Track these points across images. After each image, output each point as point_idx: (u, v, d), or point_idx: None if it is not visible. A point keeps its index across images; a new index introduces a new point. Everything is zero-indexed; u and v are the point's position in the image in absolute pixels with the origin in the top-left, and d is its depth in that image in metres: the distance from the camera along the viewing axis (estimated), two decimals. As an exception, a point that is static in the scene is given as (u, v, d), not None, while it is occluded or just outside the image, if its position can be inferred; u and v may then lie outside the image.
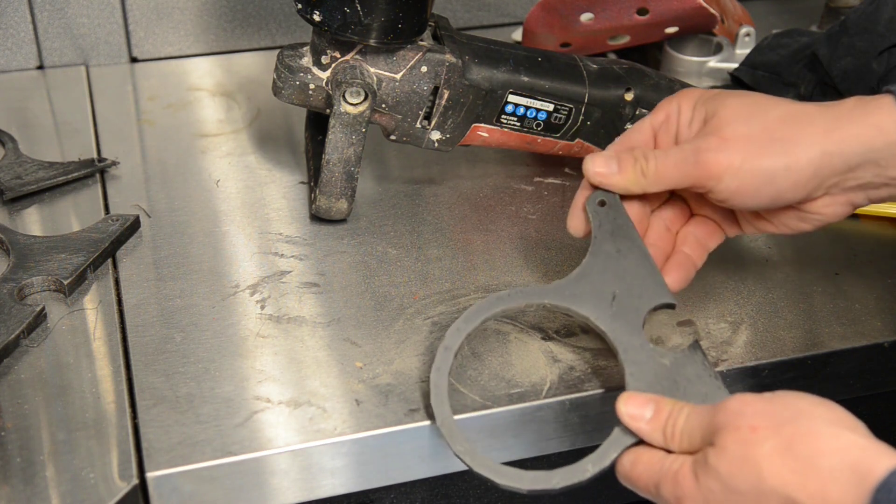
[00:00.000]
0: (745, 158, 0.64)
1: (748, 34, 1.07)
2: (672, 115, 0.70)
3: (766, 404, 0.56)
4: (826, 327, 0.77)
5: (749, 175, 0.64)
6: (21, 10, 1.07)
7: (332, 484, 0.69)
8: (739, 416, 0.56)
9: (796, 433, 0.54)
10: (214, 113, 1.03)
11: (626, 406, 0.62)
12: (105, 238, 0.82)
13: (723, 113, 0.67)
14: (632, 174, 0.68)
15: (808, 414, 0.55)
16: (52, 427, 0.67)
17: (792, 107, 0.67)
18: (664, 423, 0.61)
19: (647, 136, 0.71)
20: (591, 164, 0.70)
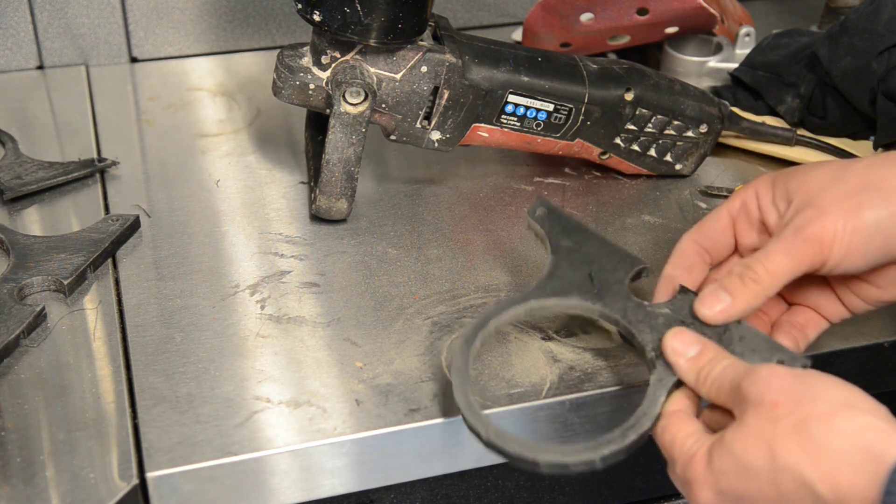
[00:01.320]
0: (847, 217, 0.62)
1: (748, 34, 1.07)
2: (749, 200, 0.68)
3: (793, 380, 0.56)
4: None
5: (855, 232, 0.62)
6: (21, 10, 1.07)
7: (332, 484, 0.69)
8: (766, 387, 0.56)
9: (813, 412, 0.54)
10: (214, 113, 1.04)
11: (674, 340, 0.63)
12: (105, 238, 0.82)
13: (807, 185, 0.65)
14: (748, 293, 0.65)
15: (827, 395, 0.55)
16: (52, 427, 0.67)
17: (873, 159, 0.65)
18: (702, 365, 0.61)
19: (725, 223, 0.69)
20: (706, 310, 0.65)
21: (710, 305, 0.65)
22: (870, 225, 0.62)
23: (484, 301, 0.78)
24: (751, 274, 0.64)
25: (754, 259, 0.65)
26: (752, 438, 0.55)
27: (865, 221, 0.62)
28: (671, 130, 0.90)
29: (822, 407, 0.55)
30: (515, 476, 0.78)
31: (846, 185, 0.64)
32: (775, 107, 0.98)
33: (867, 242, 0.63)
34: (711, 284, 0.66)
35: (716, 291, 0.65)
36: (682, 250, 0.70)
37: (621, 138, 0.90)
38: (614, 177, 0.94)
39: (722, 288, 0.65)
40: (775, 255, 0.64)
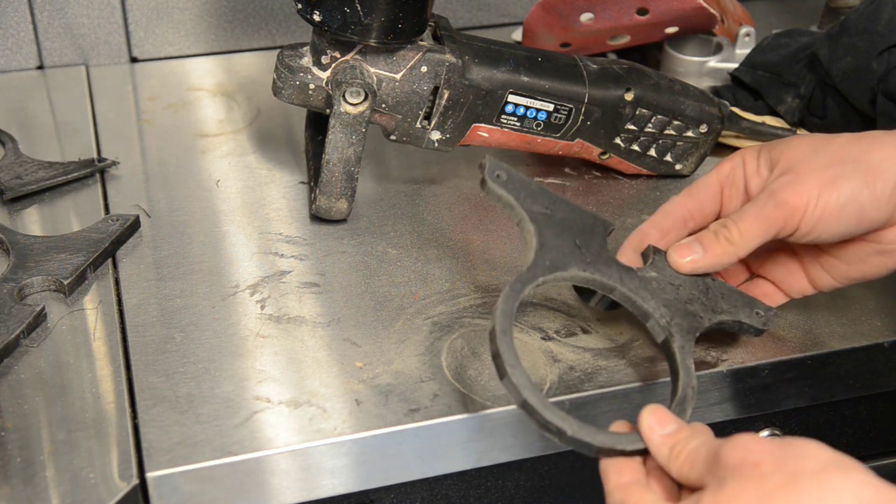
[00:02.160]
0: (823, 186, 0.64)
1: (748, 34, 1.07)
2: (737, 167, 0.70)
3: (776, 444, 0.54)
4: (826, 327, 0.77)
5: (830, 201, 0.64)
6: (21, 10, 1.07)
7: (332, 484, 0.69)
8: (747, 451, 0.53)
9: (803, 470, 0.52)
10: (214, 113, 1.04)
11: (650, 417, 0.60)
12: (105, 238, 0.82)
13: (788, 154, 0.67)
14: (719, 248, 0.67)
15: (816, 454, 0.53)
16: (52, 427, 0.67)
17: (855, 135, 0.67)
18: (676, 441, 0.58)
19: (715, 188, 0.71)
20: (677, 257, 0.69)
21: (682, 255, 0.68)
22: (844, 195, 0.64)
23: (484, 301, 0.78)
24: (724, 232, 0.67)
25: (730, 219, 0.67)
26: (741, 499, 0.52)
27: (840, 191, 0.64)
28: (671, 130, 0.90)
29: (811, 464, 0.52)
30: (515, 476, 0.78)
31: (826, 156, 0.65)
32: (775, 107, 0.99)
33: (840, 212, 0.64)
34: (688, 237, 0.69)
35: (690, 243, 0.69)
36: (667, 211, 0.71)
37: (621, 138, 0.90)
38: (614, 177, 0.94)
39: (696, 240, 0.68)
40: (748, 217, 0.66)
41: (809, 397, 0.77)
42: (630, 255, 0.71)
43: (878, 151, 0.65)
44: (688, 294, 0.69)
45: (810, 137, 0.68)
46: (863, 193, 0.64)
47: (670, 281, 0.69)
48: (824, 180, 0.64)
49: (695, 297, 0.69)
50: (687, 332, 0.67)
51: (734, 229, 0.67)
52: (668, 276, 0.69)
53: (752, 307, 0.70)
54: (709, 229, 0.69)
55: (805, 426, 0.82)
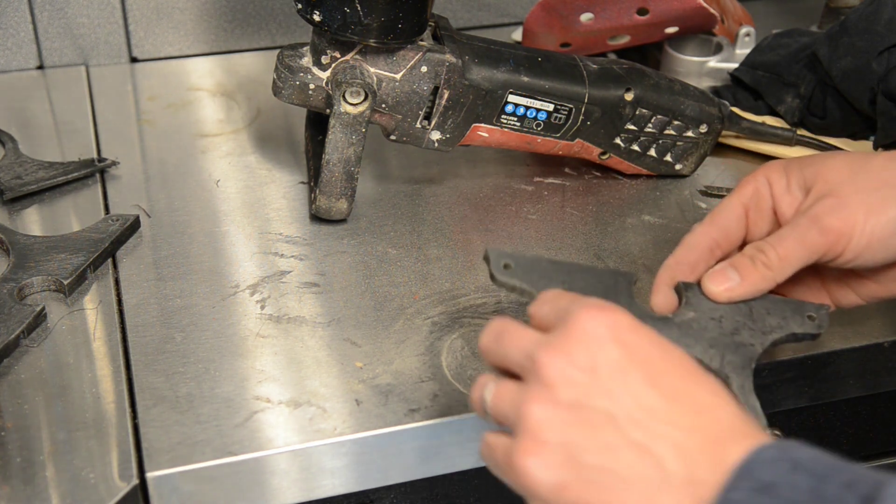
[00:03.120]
0: (869, 212, 0.62)
1: (748, 34, 1.07)
2: (762, 188, 0.67)
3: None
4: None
5: (877, 227, 0.61)
6: (21, 10, 1.07)
7: (332, 484, 0.69)
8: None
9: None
10: (214, 113, 1.04)
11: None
12: (105, 238, 0.82)
13: (826, 175, 0.64)
14: (757, 275, 0.64)
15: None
16: (52, 427, 0.67)
17: (889, 153, 0.64)
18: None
19: (739, 213, 0.67)
20: (712, 286, 0.65)
21: (717, 283, 0.65)
22: (892, 221, 0.61)
23: (484, 301, 0.78)
24: (762, 257, 0.64)
25: (767, 243, 0.64)
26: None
27: (888, 217, 0.61)
28: (671, 130, 0.90)
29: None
30: (515, 476, 0.78)
31: (868, 179, 0.63)
32: (775, 107, 0.98)
33: (889, 239, 0.62)
34: (722, 262, 0.66)
35: (725, 269, 0.65)
36: (692, 243, 0.67)
37: (621, 138, 0.90)
38: (614, 177, 0.94)
39: (732, 266, 0.65)
40: (789, 242, 0.63)
41: (809, 397, 0.77)
42: (665, 293, 0.67)
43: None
44: (732, 325, 0.64)
45: (846, 157, 0.65)
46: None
47: (710, 316, 0.64)
48: (870, 205, 0.62)
49: (740, 325, 0.64)
50: (742, 368, 0.63)
51: (772, 254, 0.63)
52: (706, 312, 0.64)
53: (802, 313, 0.65)
54: (744, 254, 0.65)
55: (805, 426, 0.82)
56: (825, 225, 0.62)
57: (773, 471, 0.48)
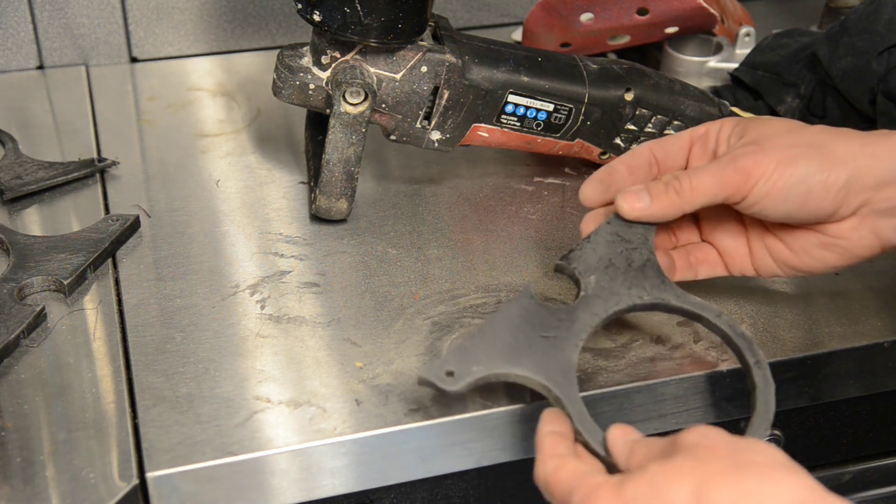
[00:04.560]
0: (780, 161, 0.65)
1: (748, 34, 1.07)
2: (712, 131, 0.71)
3: (731, 436, 0.55)
4: (826, 327, 0.77)
5: (782, 177, 0.65)
6: (21, 10, 1.07)
7: (332, 484, 0.69)
8: (703, 436, 0.55)
9: (752, 462, 0.52)
10: (214, 113, 1.04)
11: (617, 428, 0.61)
12: (105, 238, 0.82)
13: (761, 128, 0.68)
14: (666, 199, 0.68)
15: (768, 452, 0.54)
16: (52, 427, 0.67)
17: (831, 127, 0.68)
18: (635, 443, 0.59)
19: (684, 143, 0.72)
20: (624, 204, 0.69)
21: (629, 202, 0.69)
22: (797, 175, 0.65)
23: (484, 301, 0.78)
24: (675, 184, 0.68)
25: (683, 173, 0.68)
26: (683, 472, 0.52)
27: (795, 170, 0.65)
28: (671, 130, 0.90)
29: (760, 459, 0.53)
30: (515, 476, 0.78)
31: (795, 138, 0.67)
32: (775, 107, 0.98)
33: (789, 190, 0.66)
34: (637, 185, 0.70)
35: (639, 191, 0.69)
36: (636, 152, 0.72)
37: (621, 138, 0.90)
38: (614, 177, 0.94)
39: (645, 189, 0.69)
40: (703, 174, 0.67)
41: (809, 397, 0.77)
42: (595, 187, 0.71)
43: (845, 144, 0.66)
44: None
45: (789, 121, 0.70)
46: (814, 178, 0.65)
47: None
48: (785, 157, 0.65)
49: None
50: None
51: (686, 183, 0.67)
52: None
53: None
54: (661, 180, 0.69)
55: (805, 426, 0.82)
56: (740, 165, 0.66)
57: None
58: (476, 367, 0.61)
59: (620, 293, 0.66)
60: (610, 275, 0.67)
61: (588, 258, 0.68)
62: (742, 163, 0.66)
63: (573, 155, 0.91)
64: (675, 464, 0.53)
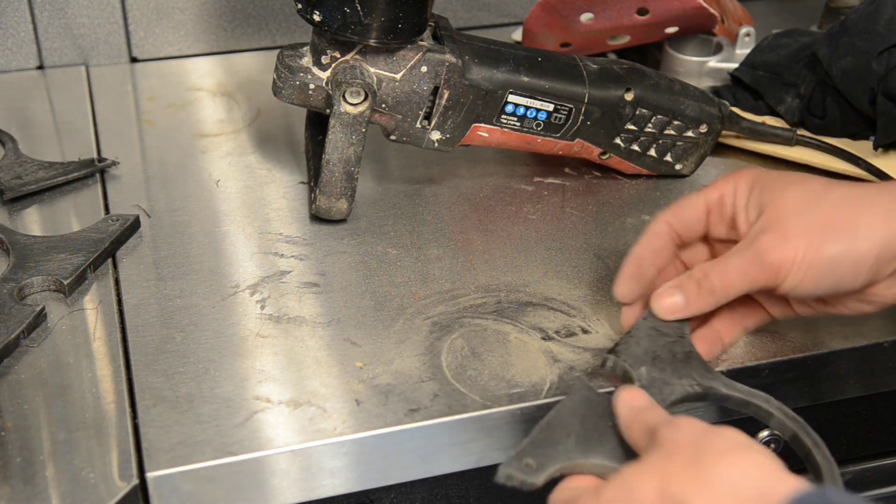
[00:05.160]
0: (807, 250, 0.64)
1: (748, 34, 1.07)
2: (727, 195, 0.70)
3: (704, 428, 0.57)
4: (826, 327, 0.77)
5: (811, 265, 0.65)
6: (21, 10, 1.07)
7: (332, 484, 0.69)
8: (678, 430, 0.56)
9: (709, 449, 0.54)
10: (214, 113, 1.04)
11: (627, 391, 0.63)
12: (105, 238, 0.82)
13: (781, 203, 0.67)
14: (700, 300, 0.68)
15: (728, 436, 0.55)
16: (52, 427, 0.67)
17: (850, 190, 0.67)
18: (638, 412, 0.61)
19: (701, 212, 0.71)
20: (660, 309, 0.69)
21: (666, 308, 0.69)
22: (827, 261, 0.65)
23: (484, 301, 0.78)
24: (707, 284, 0.68)
25: (713, 269, 0.68)
26: (647, 471, 0.55)
27: (823, 257, 0.65)
28: (671, 130, 0.90)
29: (718, 444, 0.54)
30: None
31: (816, 217, 0.66)
32: (775, 107, 0.98)
33: (821, 277, 0.65)
34: (670, 281, 0.69)
35: (672, 290, 0.69)
36: (655, 232, 0.71)
37: (621, 138, 0.90)
38: (614, 177, 0.94)
39: (678, 288, 0.69)
40: (732, 271, 0.67)
41: (809, 397, 0.77)
42: (628, 285, 0.71)
43: (870, 218, 0.65)
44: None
45: (806, 186, 0.68)
46: (844, 264, 0.65)
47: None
48: (810, 245, 0.65)
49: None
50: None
51: (717, 281, 0.67)
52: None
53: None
54: (692, 276, 0.68)
55: (805, 426, 0.82)
56: (766, 262, 0.65)
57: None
58: (554, 457, 0.62)
59: (673, 383, 0.67)
60: (659, 366, 0.68)
61: (634, 351, 0.68)
62: (768, 259, 0.65)
63: (573, 155, 0.91)
64: (644, 463, 0.56)
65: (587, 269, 0.82)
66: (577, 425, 0.63)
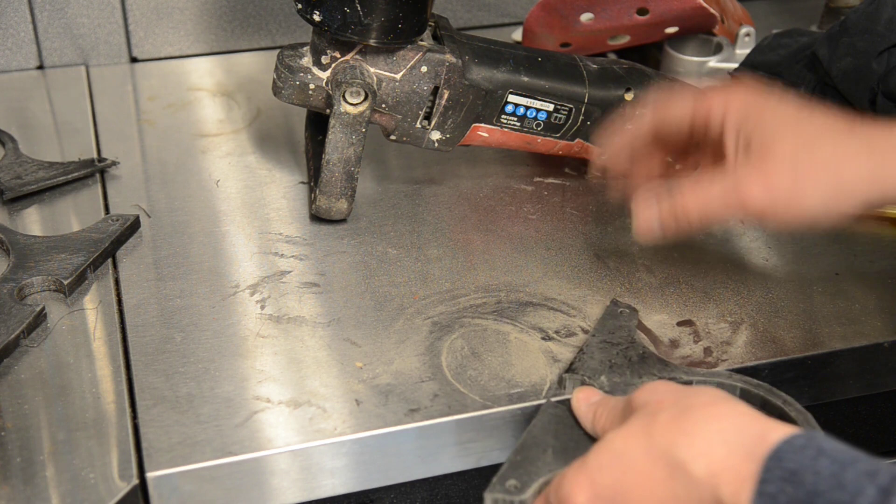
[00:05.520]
0: (790, 197, 0.65)
1: (748, 34, 1.07)
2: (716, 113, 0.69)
3: (679, 386, 0.59)
4: (826, 327, 0.77)
5: (790, 208, 0.65)
6: (21, 10, 1.07)
7: (332, 484, 0.69)
8: (652, 392, 0.58)
9: (694, 402, 0.55)
10: (214, 113, 1.04)
11: (580, 391, 0.66)
12: (105, 238, 0.82)
13: (768, 141, 0.66)
14: (675, 225, 0.70)
15: (710, 392, 0.57)
16: (52, 427, 0.67)
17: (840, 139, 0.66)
18: (598, 405, 0.64)
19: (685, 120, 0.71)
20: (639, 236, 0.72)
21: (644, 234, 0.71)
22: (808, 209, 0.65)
23: (484, 301, 0.78)
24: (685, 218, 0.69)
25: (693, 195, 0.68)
26: (633, 431, 0.56)
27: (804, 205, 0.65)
28: None
29: (702, 398, 0.56)
30: (515, 476, 0.78)
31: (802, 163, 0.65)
32: (775, 107, 0.98)
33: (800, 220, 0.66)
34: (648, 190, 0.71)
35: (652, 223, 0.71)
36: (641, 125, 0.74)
37: None
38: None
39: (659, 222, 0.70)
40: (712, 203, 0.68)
41: (809, 397, 0.77)
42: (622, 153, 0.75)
43: (854, 165, 0.65)
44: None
45: (798, 131, 0.67)
46: (826, 213, 0.65)
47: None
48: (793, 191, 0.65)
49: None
50: None
51: (693, 208, 0.68)
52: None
53: None
54: (672, 210, 0.69)
55: (805, 426, 0.82)
56: (746, 198, 0.66)
57: (799, 458, 0.49)
58: (535, 472, 0.63)
59: (635, 382, 0.69)
60: (618, 372, 0.70)
61: (590, 364, 0.70)
62: (749, 197, 0.65)
63: (573, 155, 0.91)
64: (629, 426, 0.57)
65: (587, 269, 0.82)
66: (551, 439, 0.65)
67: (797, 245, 0.86)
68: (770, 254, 0.85)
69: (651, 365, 0.70)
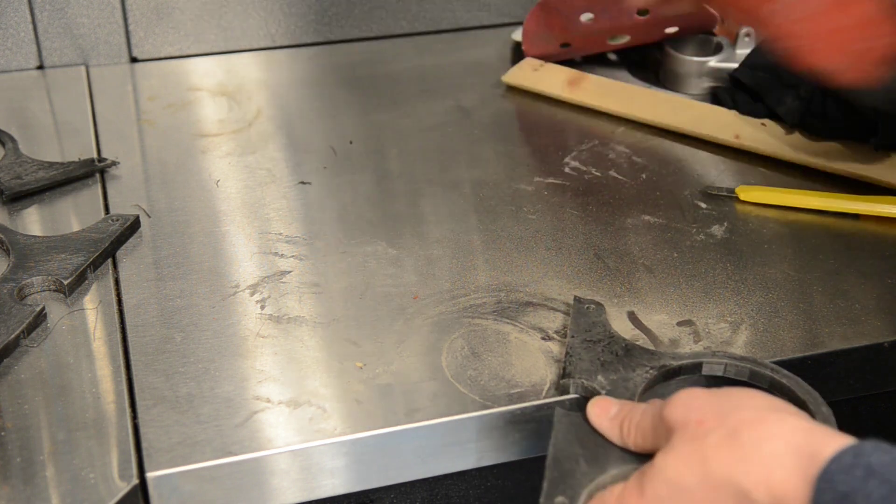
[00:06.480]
0: None
1: (748, 34, 1.07)
2: None
3: (712, 396, 0.57)
4: (826, 327, 0.77)
5: None
6: (21, 10, 1.07)
7: (332, 484, 0.69)
8: (688, 409, 0.57)
9: (742, 420, 0.54)
10: (214, 113, 1.04)
11: (594, 407, 0.64)
12: (105, 238, 0.82)
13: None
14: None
15: (752, 403, 0.56)
16: (52, 427, 0.67)
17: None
18: (622, 417, 0.62)
19: None
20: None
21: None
22: None
23: (484, 301, 0.78)
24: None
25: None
26: (684, 458, 0.55)
27: None
28: None
29: (749, 414, 0.54)
30: (515, 476, 0.78)
31: None
32: (775, 108, 0.98)
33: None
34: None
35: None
36: None
37: None
38: (614, 177, 0.94)
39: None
40: None
41: (809, 397, 0.77)
42: None
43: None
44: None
45: None
46: None
47: None
48: None
49: None
50: None
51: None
52: None
53: None
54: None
55: (805, 426, 0.82)
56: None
57: (849, 479, 0.49)
58: (578, 485, 0.63)
59: (631, 377, 0.69)
60: (611, 369, 0.70)
61: (581, 366, 0.70)
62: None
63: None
64: (677, 452, 0.55)
65: (587, 269, 0.82)
66: (578, 449, 0.64)
67: (797, 245, 0.86)
68: (770, 254, 0.85)
69: (639, 356, 0.70)
